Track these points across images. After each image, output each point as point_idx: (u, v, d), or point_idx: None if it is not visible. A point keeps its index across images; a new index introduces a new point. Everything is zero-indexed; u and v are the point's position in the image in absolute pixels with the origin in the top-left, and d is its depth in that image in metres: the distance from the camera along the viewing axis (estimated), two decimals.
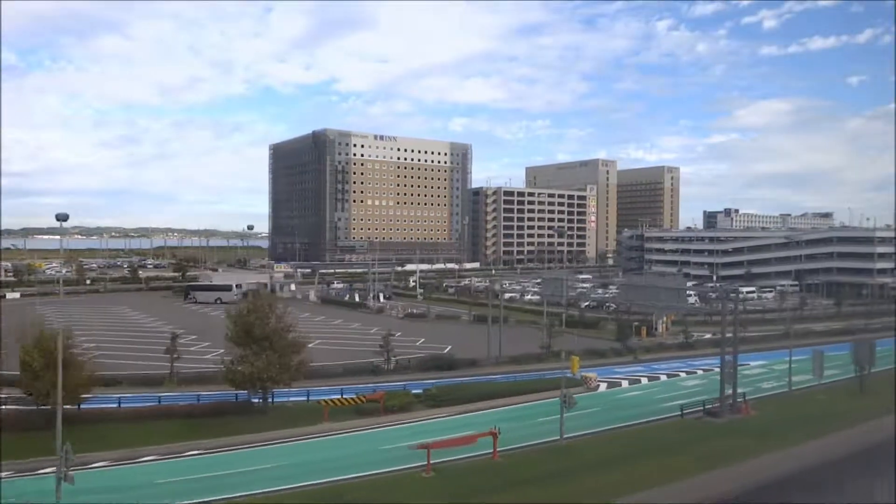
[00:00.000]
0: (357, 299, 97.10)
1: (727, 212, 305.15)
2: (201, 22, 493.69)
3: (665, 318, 67.05)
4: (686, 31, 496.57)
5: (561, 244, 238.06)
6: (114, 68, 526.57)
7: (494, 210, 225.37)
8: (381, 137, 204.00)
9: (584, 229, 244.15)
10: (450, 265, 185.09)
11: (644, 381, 47.21)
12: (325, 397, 36.83)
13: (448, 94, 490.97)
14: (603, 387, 44.78)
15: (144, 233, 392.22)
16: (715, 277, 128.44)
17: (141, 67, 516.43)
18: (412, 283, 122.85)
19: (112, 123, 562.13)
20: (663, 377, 48.38)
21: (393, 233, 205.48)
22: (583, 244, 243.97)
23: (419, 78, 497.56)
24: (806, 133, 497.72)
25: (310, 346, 60.02)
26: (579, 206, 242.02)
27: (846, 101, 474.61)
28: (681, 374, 49.69)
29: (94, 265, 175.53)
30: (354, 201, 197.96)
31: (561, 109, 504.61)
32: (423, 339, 62.87)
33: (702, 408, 36.80)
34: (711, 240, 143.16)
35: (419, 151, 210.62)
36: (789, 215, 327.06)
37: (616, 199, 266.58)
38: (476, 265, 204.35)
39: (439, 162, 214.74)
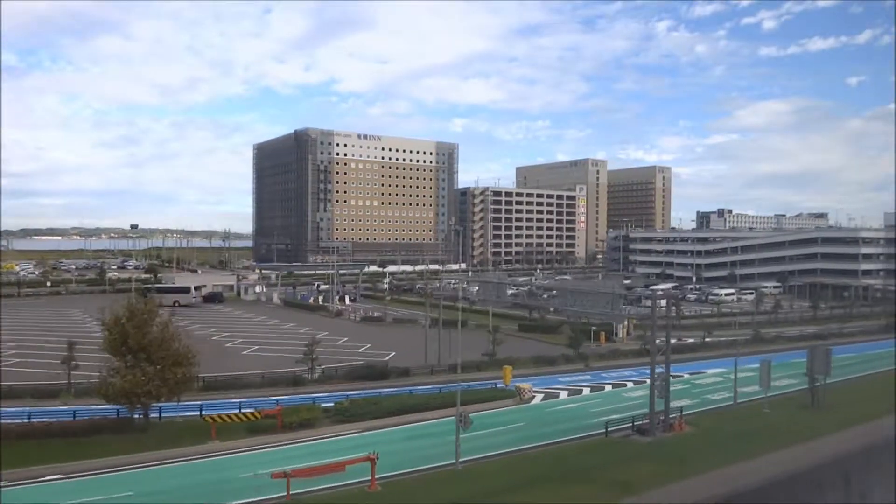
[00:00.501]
0: (321, 302, 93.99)
1: (720, 212, 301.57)
2: (201, 22, 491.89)
3: (626, 323, 63.87)
4: (685, 32, 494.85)
5: (550, 245, 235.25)
6: (113, 69, 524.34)
7: (482, 210, 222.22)
8: (365, 136, 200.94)
9: (573, 230, 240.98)
10: (434, 266, 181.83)
11: (586, 391, 44.00)
12: (219, 412, 33.64)
13: (448, 94, 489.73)
14: (539, 398, 41.56)
15: (143, 233, 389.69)
16: (695, 279, 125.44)
17: (140, 68, 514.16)
18: (385, 285, 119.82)
19: (112, 124, 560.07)
20: (608, 387, 45.16)
21: (377, 233, 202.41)
22: (572, 245, 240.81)
23: (419, 78, 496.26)
24: (806, 133, 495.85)
25: (245, 352, 57.49)
26: (569, 206, 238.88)
27: (846, 102, 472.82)
28: (629, 383, 46.44)
29: (73, 266, 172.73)
30: (337, 201, 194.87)
31: (560, 110, 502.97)
32: (368, 346, 59.73)
33: (631, 424, 33.63)
34: (695, 240, 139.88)
35: (404, 151, 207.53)
36: (784, 215, 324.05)
37: (606, 199, 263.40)
38: (463, 266, 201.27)
39: (425, 161, 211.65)
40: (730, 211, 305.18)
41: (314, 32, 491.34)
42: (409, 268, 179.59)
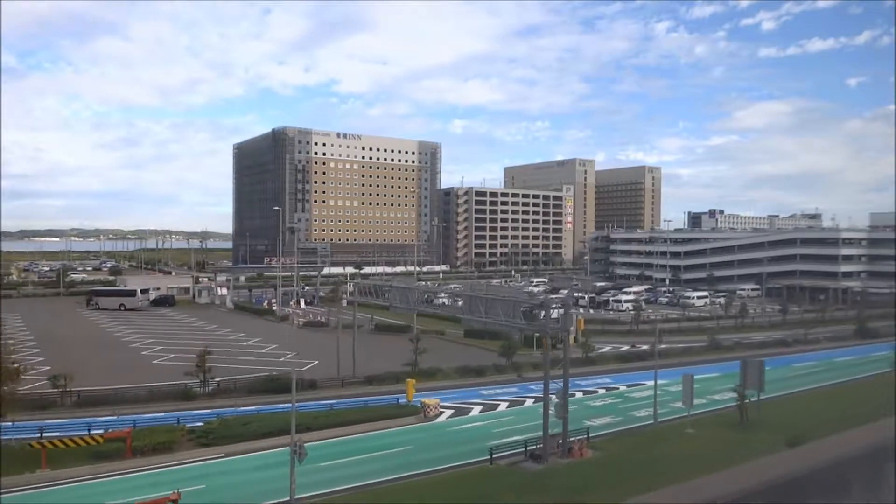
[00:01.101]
0: (272, 306, 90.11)
1: (711, 213, 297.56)
2: (200, 23, 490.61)
3: (575, 328, 59.88)
4: (685, 33, 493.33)
5: (536, 246, 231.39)
6: (113, 70, 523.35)
7: (466, 211, 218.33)
8: (345, 136, 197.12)
9: (560, 230, 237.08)
10: (413, 268, 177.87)
11: (503, 406, 40.11)
12: (60, 435, 29.74)
13: (447, 95, 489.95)
14: (447, 415, 37.71)
15: (142, 234, 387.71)
16: (668, 281, 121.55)
17: (140, 69, 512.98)
18: (352, 288, 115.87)
19: (111, 125, 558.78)
20: (529, 401, 41.26)
21: (358, 234, 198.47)
22: (559, 245, 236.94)
23: (418, 80, 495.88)
24: (805, 135, 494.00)
25: (157, 361, 53.59)
26: (555, 206, 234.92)
27: (845, 103, 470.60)
28: (554, 397, 42.44)
29: (47, 268, 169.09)
30: (316, 202, 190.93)
31: (560, 111, 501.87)
32: (294, 354, 55.85)
33: (524, 448, 29.79)
34: (673, 241, 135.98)
35: (385, 150, 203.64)
36: (777, 216, 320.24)
37: (594, 199, 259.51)
38: (446, 268, 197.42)
39: (407, 161, 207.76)
40: (721, 212, 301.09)
41: (314, 33, 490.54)
42: (387, 269, 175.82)
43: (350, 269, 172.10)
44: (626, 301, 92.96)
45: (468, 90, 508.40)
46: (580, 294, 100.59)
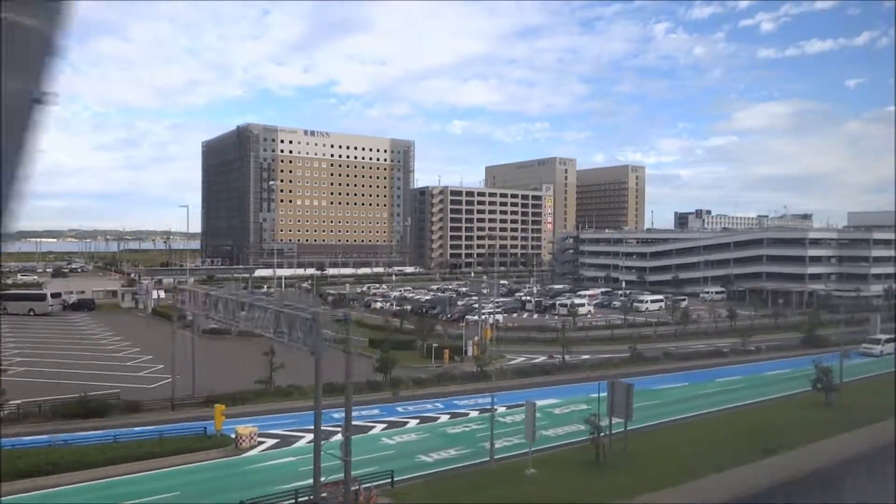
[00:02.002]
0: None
1: (698, 213, 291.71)
2: (199, 24, 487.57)
3: (481, 337, 54.19)
4: (684, 34, 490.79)
5: (515, 246, 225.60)
6: (112, 71, 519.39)
7: (441, 211, 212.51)
8: (313, 133, 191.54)
9: (539, 230, 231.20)
10: (388, 269, 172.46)
11: (337, 437, 34.29)
12: None
13: (447, 96, 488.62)
14: (266, 446, 31.96)
15: (140, 235, 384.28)
16: (623, 284, 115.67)
17: (139, 70, 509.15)
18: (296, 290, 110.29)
19: (111, 126, 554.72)
20: (379, 427, 35.50)
21: (326, 234, 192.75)
22: (538, 246, 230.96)
23: (418, 80, 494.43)
24: (805, 136, 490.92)
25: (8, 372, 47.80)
26: (535, 206, 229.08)
27: (845, 104, 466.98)
28: (410, 421, 36.79)
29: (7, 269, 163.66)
30: (282, 201, 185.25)
31: (560, 112, 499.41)
32: (162, 366, 50.08)
33: (294, 498, 24.03)
34: (641, 242, 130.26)
35: (355, 148, 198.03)
36: (767, 216, 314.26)
37: (575, 199, 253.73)
38: (410, 269, 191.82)
39: (378, 159, 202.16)
40: (708, 212, 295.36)
41: (313, 34, 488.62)
42: (351, 271, 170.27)
43: (311, 271, 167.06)
44: (574, 305, 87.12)
45: (467, 91, 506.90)
46: (527, 298, 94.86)
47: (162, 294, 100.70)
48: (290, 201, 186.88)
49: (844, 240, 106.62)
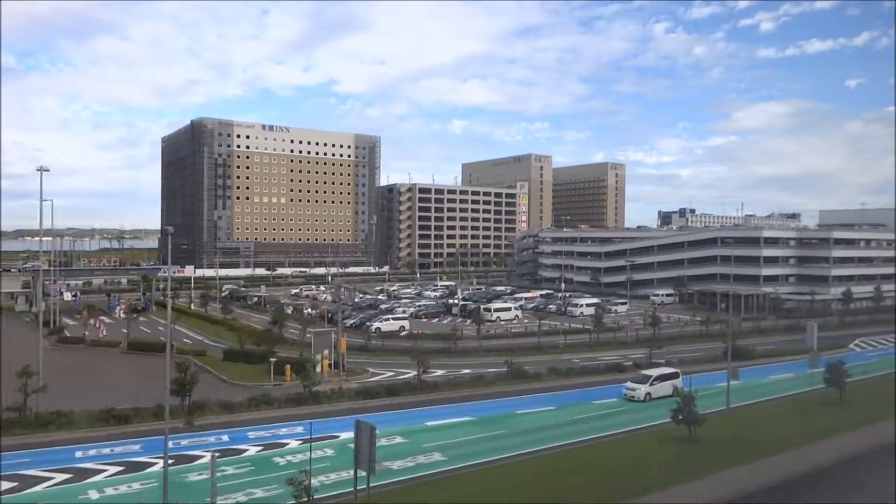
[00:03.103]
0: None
1: (682, 212, 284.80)
2: (199, 24, 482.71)
3: (332, 350, 47.18)
4: (683, 34, 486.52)
5: (487, 245, 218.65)
6: (112, 70, 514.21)
7: (410, 209, 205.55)
8: (271, 128, 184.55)
9: (513, 229, 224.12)
10: (343, 269, 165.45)
11: (100, 476, 27.36)
12: None
13: (446, 96, 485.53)
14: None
15: (138, 234, 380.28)
16: (563, 287, 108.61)
17: (139, 69, 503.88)
18: (224, 292, 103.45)
19: (111, 125, 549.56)
20: (154, 466, 28.49)
21: (286, 233, 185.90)
22: (512, 245, 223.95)
23: (417, 80, 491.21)
24: (805, 136, 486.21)
25: None
26: (509, 204, 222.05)
27: (845, 104, 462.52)
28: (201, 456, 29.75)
29: None
30: (238, 198, 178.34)
31: (559, 112, 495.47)
32: None
33: None
34: (598, 241, 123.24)
35: (317, 143, 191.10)
36: (753, 215, 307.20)
37: (551, 197, 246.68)
38: (385, 269, 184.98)
39: (342, 155, 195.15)
40: (692, 210, 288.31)
41: (312, 34, 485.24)
42: (304, 271, 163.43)
43: (283, 270, 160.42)
44: (497, 310, 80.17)
45: (467, 90, 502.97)
46: (454, 301, 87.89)
47: (68, 296, 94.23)
48: (248, 198, 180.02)
49: (804, 239, 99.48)
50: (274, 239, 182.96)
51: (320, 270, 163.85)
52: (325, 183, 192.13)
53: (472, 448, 31.28)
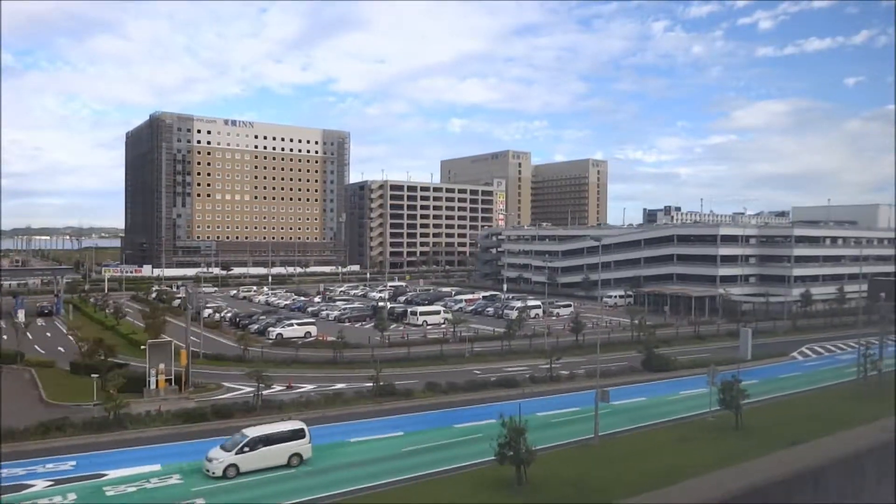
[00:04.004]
0: None
1: (667, 210, 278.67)
2: (197, 23, 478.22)
3: (170, 363, 41.29)
4: (682, 32, 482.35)
5: (463, 244, 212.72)
6: (110, 69, 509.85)
7: (381, 206, 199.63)
8: (234, 123, 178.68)
9: (490, 227, 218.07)
10: (303, 269, 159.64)
11: None
12: None
13: (445, 94, 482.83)
14: None
15: (119, 233, 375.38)
16: (505, 289, 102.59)
17: (137, 68, 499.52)
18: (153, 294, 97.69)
19: (109, 124, 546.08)
20: None
21: (250, 231, 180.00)
22: (476, 244, 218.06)
23: (416, 79, 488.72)
24: (804, 134, 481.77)
25: None
26: (486, 202, 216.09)
27: (844, 103, 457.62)
28: None
29: None
30: (199, 195, 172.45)
31: (558, 110, 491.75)
32: None
33: None
34: (557, 239, 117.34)
35: (283, 139, 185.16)
36: (742, 214, 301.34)
37: (530, 194, 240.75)
38: (354, 269, 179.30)
39: (309, 151, 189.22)
40: (678, 208, 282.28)
41: (311, 32, 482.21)
42: (264, 271, 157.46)
43: (238, 270, 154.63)
44: (423, 314, 74.30)
45: (466, 89, 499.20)
46: (384, 304, 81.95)
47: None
48: (209, 196, 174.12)
49: (766, 237, 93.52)
50: (237, 237, 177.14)
51: (279, 270, 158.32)
52: (291, 180, 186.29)
53: (251, 492, 25.48)
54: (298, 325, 63.29)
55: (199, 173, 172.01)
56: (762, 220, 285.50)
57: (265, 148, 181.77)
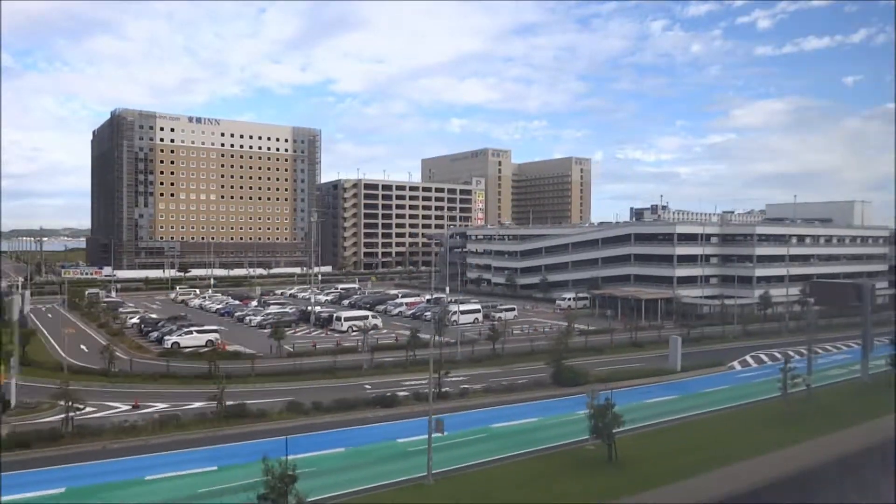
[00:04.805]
0: None
1: (654, 208, 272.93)
2: (196, 23, 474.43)
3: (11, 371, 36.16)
4: (680, 32, 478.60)
5: (440, 244, 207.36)
6: (109, 69, 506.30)
7: (355, 206, 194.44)
8: (199, 120, 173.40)
9: (469, 227, 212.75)
10: (260, 270, 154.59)
11: None
12: None
13: (444, 94, 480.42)
14: None
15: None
16: (448, 291, 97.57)
17: (136, 68, 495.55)
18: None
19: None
20: None
21: (217, 231, 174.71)
22: (441, 244, 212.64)
23: (415, 79, 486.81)
24: (803, 133, 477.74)
25: None
26: (465, 200, 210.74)
27: (843, 101, 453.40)
28: None
29: None
30: (161, 195, 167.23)
31: (557, 110, 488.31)
32: None
33: None
34: (516, 238, 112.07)
35: (251, 137, 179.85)
36: (732, 212, 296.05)
37: (510, 192, 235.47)
38: (327, 270, 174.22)
39: (278, 150, 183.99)
40: (664, 207, 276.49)
41: (310, 32, 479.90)
42: (224, 272, 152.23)
43: (197, 272, 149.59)
44: (348, 319, 69.05)
45: (465, 89, 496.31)
46: (312, 309, 76.77)
47: None
48: (173, 195, 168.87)
49: (728, 235, 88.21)
50: (203, 238, 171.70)
51: (242, 271, 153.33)
52: (260, 178, 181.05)
53: None
54: (199, 332, 58.12)
55: (162, 172, 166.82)
56: (751, 219, 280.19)
57: (232, 146, 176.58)
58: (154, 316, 74.61)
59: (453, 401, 40.26)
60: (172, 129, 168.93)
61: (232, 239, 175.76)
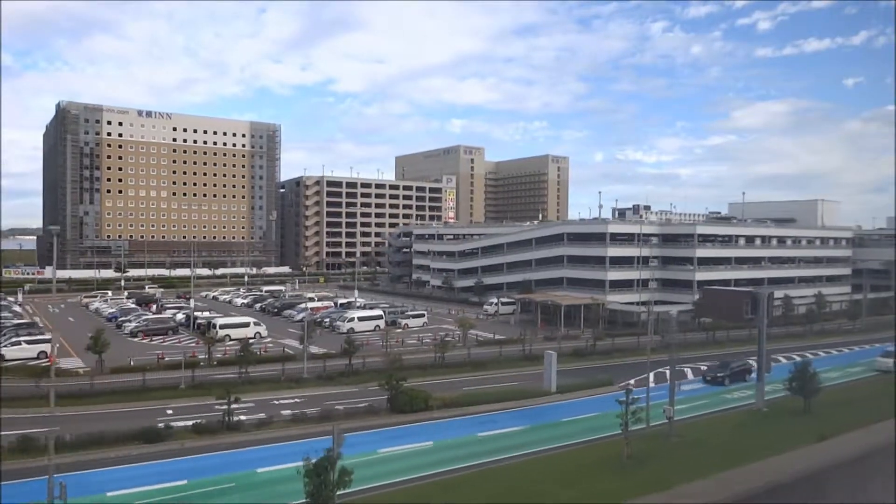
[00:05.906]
0: None
1: (635, 208, 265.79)
2: (195, 23, 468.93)
3: None
4: (681, 33, 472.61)
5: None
6: (109, 69, 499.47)
7: (317, 204, 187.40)
8: (149, 114, 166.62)
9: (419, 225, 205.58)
10: (248, 269, 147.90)
11: None
12: None
13: (445, 95, 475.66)
14: None
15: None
16: (356, 293, 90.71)
17: (135, 68, 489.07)
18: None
19: None
20: None
21: (168, 230, 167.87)
22: (389, 244, 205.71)
23: (415, 79, 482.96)
24: (804, 135, 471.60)
25: None
26: (436, 198, 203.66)
27: (843, 103, 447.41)
28: None
29: None
30: (108, 191, 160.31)
31: (558, 111, 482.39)
32: None
33: None
34: (456, 239, 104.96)
35: (205, 132, 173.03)
36: (719, 213, 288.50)
37: (483, 191, 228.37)
38: (287, 270, 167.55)
39: (235, 145, 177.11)
40: (647, 207, 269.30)
41: (309, 32, 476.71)
42: (166, 272, 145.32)
43: (153, 271, 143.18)
44: (225, 327, 61.95)
45: (465, 89, 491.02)
46: (194, 315, 69.63)
47: None
48: (121, 192, 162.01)
49: (668, 236, 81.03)
50: (153, 236, 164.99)
51: (185, 272, 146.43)
52: (215, 175, 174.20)
53: None
54: (29, 342, 51.10)
55: (109, 168, 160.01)
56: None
57: (185, 141, 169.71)
58: None
59: (247, 433, 33.14)
60: (121, 123, 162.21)
61: (185, 237, 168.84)
